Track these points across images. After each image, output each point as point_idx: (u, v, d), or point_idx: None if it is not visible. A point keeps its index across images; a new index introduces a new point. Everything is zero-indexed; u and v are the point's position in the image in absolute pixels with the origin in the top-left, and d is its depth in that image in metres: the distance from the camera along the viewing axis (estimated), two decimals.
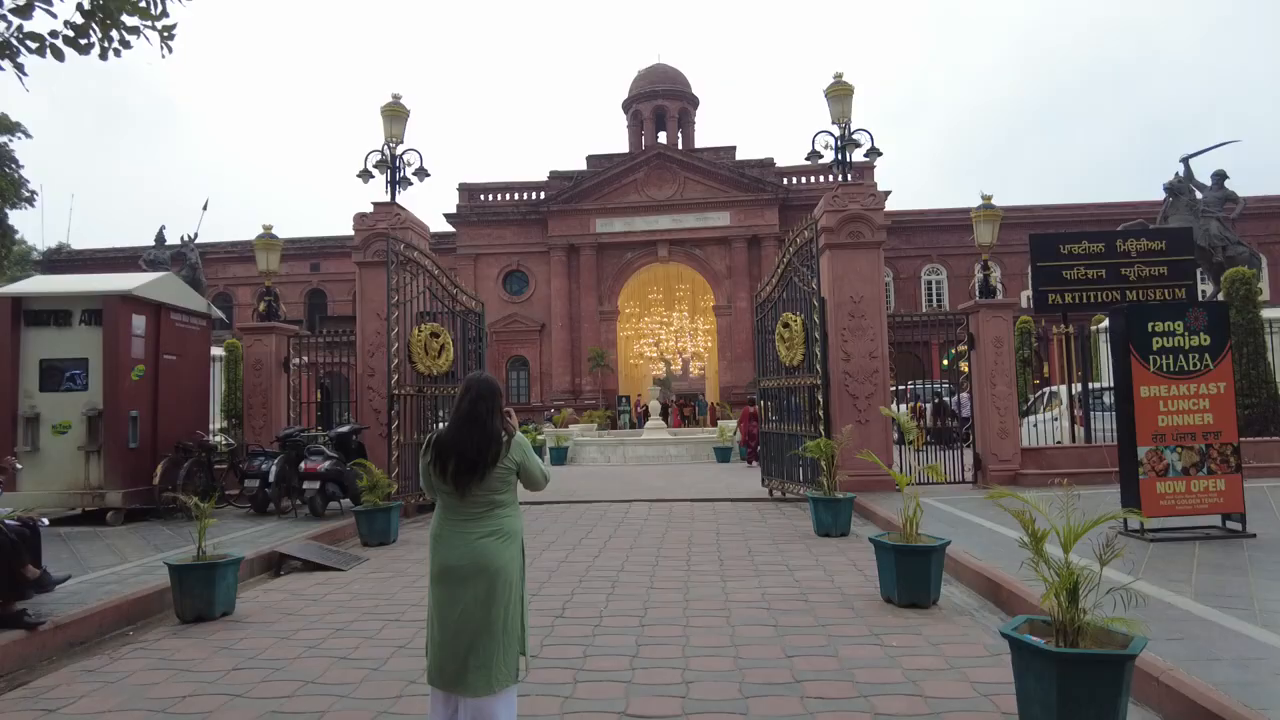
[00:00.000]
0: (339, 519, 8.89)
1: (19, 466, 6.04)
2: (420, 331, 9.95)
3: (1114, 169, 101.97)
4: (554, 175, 35.17)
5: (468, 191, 35.62)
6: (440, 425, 4.73)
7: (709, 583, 5.89)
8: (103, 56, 4.61)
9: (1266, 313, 12.22)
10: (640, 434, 22.21)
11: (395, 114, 10.86)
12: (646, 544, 7.56)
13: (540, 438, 20.03)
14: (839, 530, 7.69)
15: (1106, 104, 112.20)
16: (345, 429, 10.06)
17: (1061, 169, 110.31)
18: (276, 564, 6.82)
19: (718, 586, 5.77)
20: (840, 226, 10.34)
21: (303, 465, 9.18)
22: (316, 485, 9.06)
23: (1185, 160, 14.73)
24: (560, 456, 18.98)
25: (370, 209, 10.96)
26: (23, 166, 26.88)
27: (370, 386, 10.45)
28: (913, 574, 5.10)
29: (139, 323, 9.19)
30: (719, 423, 23.57)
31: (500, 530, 2.92)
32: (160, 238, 18.72)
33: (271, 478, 9.31)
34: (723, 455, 18.06)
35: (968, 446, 11.48)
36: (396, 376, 9.60)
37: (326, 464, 9.14)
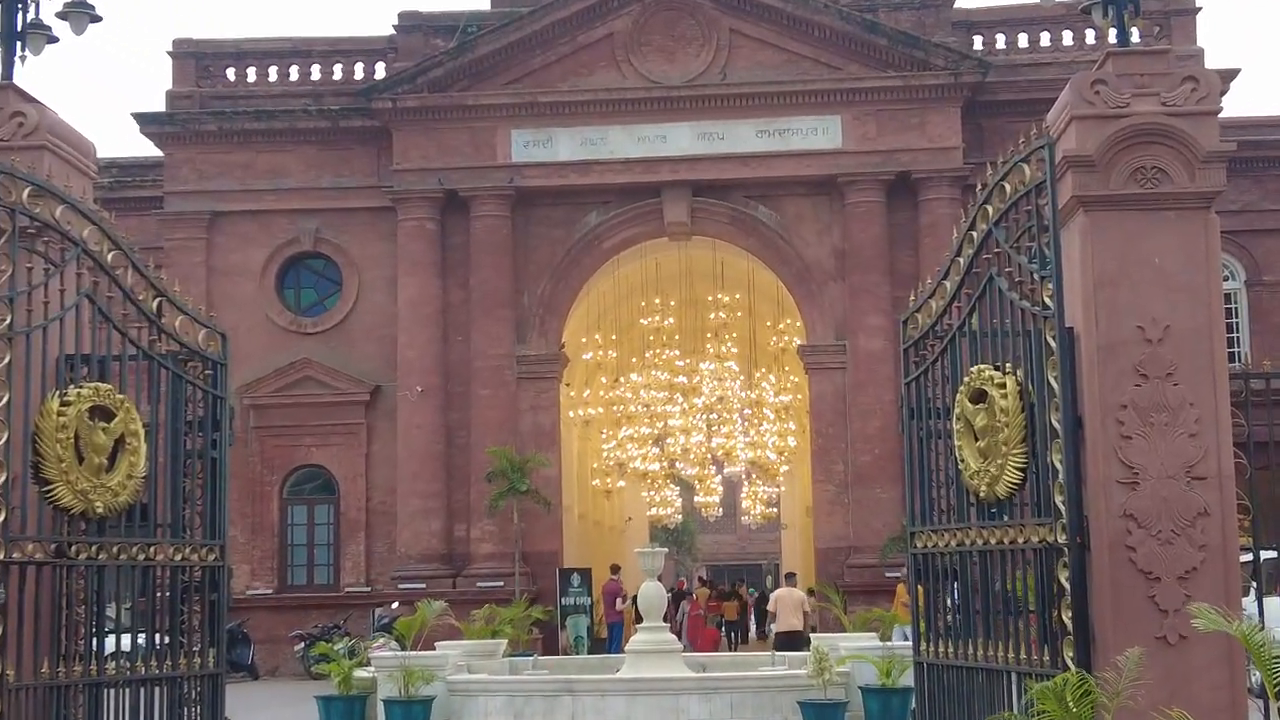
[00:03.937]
0: None
1: None
2: (68, 405, 10.11)
3: None
4: (407, 23, 35.80)
5: (196, 63, 36.22)
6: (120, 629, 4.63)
7: None
8: None
9: None
10: (618, 666, 22.11)
11: None
12: None
13: (364, 674, 19.87)
14: None
15: None
16: None
17: None
18: None
19: None
20: (1110, 154, 10.44)
21: None
22: None
23: None
24: (416, 719, 18.86)
25: None
26: None
27: None
28: None
29: None
30: (814, 641, 23.49)
31: None
32: None
33: None
34: (821, 719, 18.03)
35: None
36: (3, 515, 9.66)
37: None
